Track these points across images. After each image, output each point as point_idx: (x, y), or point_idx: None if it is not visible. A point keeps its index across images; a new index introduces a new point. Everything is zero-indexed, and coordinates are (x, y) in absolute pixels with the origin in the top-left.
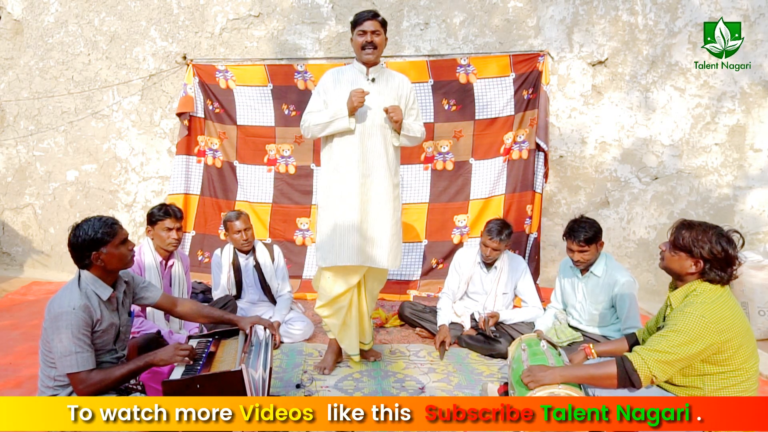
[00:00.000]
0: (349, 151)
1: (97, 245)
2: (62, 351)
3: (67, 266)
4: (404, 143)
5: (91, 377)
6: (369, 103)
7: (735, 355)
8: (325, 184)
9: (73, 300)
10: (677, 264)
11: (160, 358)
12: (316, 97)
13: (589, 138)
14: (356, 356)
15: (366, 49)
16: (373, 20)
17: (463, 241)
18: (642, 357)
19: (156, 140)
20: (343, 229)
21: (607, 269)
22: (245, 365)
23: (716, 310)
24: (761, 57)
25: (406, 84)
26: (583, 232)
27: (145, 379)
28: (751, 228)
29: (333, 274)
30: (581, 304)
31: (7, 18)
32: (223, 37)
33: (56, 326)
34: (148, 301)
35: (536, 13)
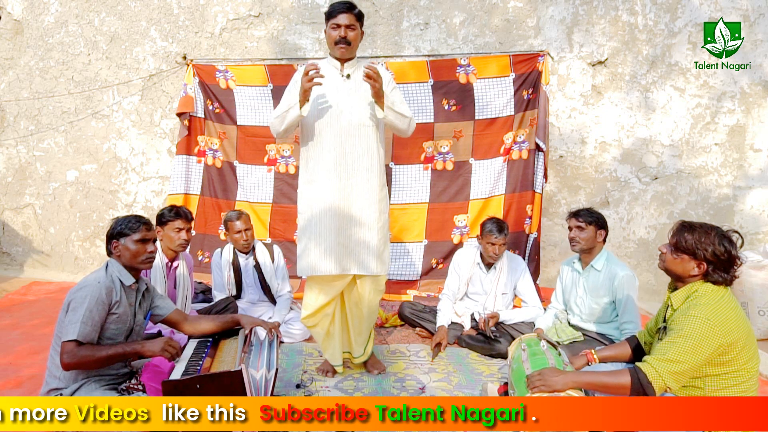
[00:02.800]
0: (326, 154)
1: (117, 236)
2: (71, 319)
3: (67, 266)
4: (391, 118)
5: (78, 350)
6: (345, 102)
7: (738, 356)
8: (302, 194)
9: (100, 278)
10: (680, 266)
11: (148, 349)
12: (286, 95)
13: (589, 138)
14: (339, 367)
15: (339, 44)
16: (348, 13)
17: (463, 241)
18: (656, 369)
19: (156, 140)
20: (322, 238)
21: (607, 264)
22: (245, 365)
23: (720, 312)
24: (761, 57)
25: (383, 75)
26: (586, 213)
27: (146, 379)
28: (751, 228)
29: (316, 284)
30: (582, 299)
31: (7, 18)
32: (223, 37)
33: (77, 296)
34: (160, 311)
35: (536, 13)
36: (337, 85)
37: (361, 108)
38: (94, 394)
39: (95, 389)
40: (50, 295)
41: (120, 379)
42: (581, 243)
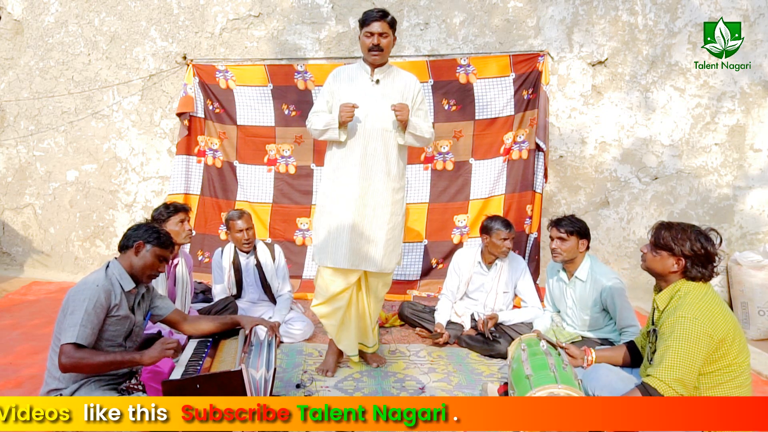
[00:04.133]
0: (350, 153)
1: (148, 239)
2: (70, 321)
3: (67, 266)
4: (410, 142)
5: (75, 352)
6: (372, 106)
7: (729, 351)
8: (325, 185)
9: (99, 280)
10: (659, 264)
11: (148, 357)
12: (320, 98)
13: (589, 138)
14: (355, 357)
15: (372, 51)
16: (381, 21)
17: (463, 241)
18: (661, 380)
19: (156, 140)
20: (339, 231)
21: (591, 273)
22: (245, 365)
23: (706, 309)
24: (761, 57)
25: (413, 84)
26: (567, 224)
27: (146, 379)
28: (751, 228)
29: (331, 271)
30: (572, 309)
31: (7, 18)
32: (223, 37)
33: (76, 299)
34: (160, 311)
35: (536, 13)
36: (366, 89)
37: (386, 113)
38: (93, 394)
39: (95, 389)
40: (50, 295)
41: (120, 380)
42: (563, 254)
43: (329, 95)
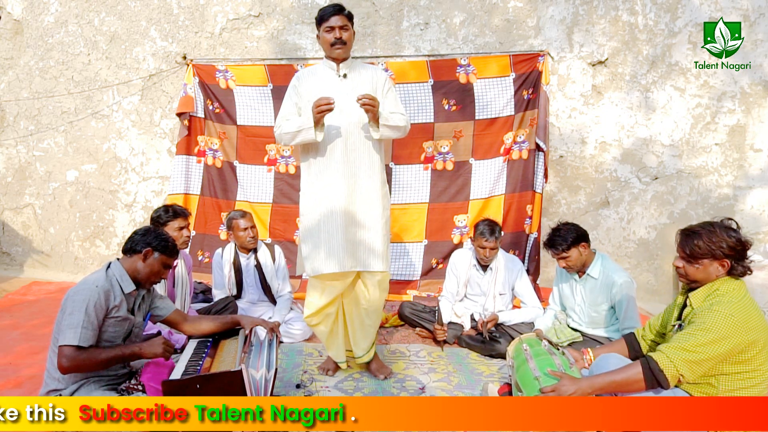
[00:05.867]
0: (330, 154)
1: (158, 246)
2: (70, 323)
3: (67, 266)
4: (386, 134)
5: (78, 354)
6: (344, 101)
7: (756, 357)
8: (307, 190)
9: (99, 281)
10: (703, 273)
11: (147, 350)
12: (287, 101)
13: (589, 138)
14: (343, 364)
15: (335, 45)
16: (339, 15)
17: (463, 241)
18: (668, 356)
19: (156, 140)
20: (328, 235)
21: (603, 270)
22: (245, 365)
23: (743, 309)
24: (761, 57)
25: (379, 74)
26: (560, 241)
27: (146, 379)
28: (751, 228)
29: (321, 283)
30: (580, 306)
31: (7, 18)
32: (223, 37)
33: (75, 299)
34: (160, 312)
35: (536, 13)
36: (335, 85)
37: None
38: (93, 394)
39: (94, 390)
40: (50, 295)
41: (119, 380)
42: (574, 267)
43: (296, 97)
